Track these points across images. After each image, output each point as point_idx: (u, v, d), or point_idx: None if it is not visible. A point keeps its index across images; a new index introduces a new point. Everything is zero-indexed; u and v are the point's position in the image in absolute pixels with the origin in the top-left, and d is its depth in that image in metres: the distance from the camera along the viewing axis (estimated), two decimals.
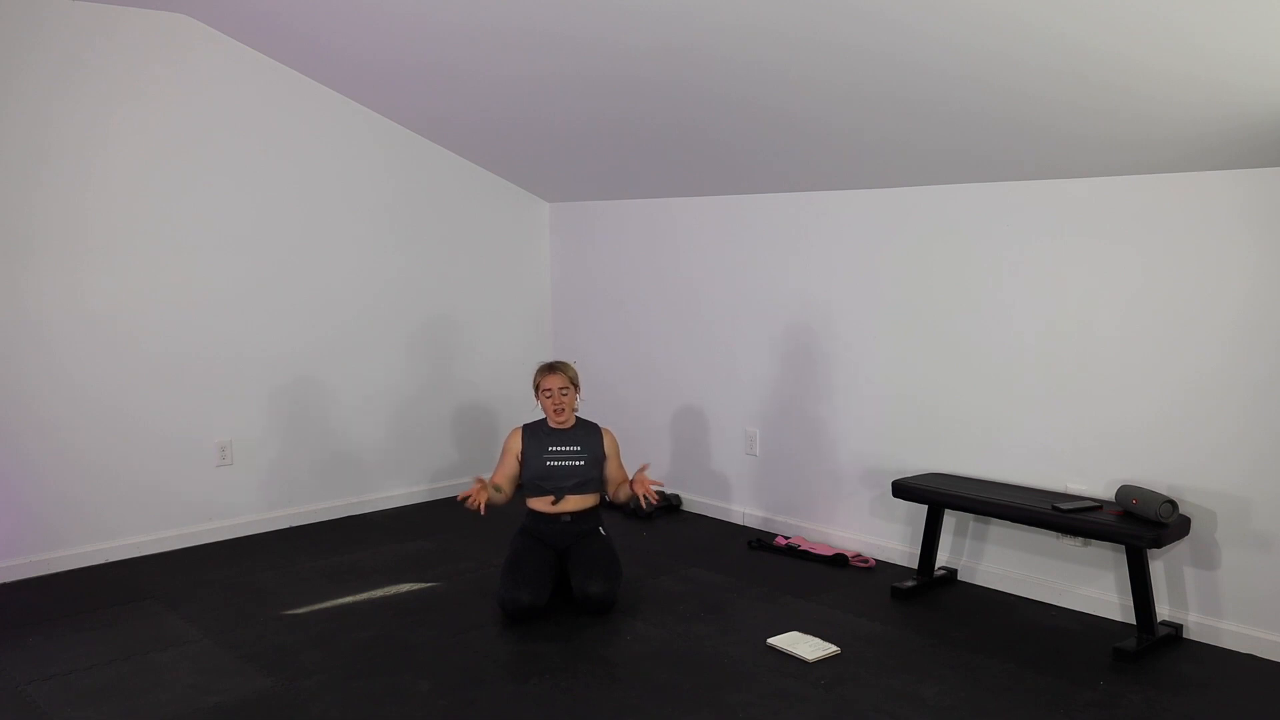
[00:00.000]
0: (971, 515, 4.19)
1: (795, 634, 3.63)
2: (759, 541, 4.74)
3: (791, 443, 4.85)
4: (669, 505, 5.33)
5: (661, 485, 4.06)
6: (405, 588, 4.17)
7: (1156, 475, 3.67)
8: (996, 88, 3.24)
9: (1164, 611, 3.69)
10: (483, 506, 3.74)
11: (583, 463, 3.95)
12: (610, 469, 4.06)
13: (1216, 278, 3.48)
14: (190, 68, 4.56)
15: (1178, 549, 3.65)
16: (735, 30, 3.31)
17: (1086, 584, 3.89)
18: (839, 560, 4.46)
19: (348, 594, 4.09)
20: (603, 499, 4.07)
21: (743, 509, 5.11)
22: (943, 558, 4.29)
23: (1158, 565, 3.70)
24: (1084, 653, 3.52)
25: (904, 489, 4.11)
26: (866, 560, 4.46)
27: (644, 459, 5.56)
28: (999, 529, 4.14)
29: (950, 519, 4.25)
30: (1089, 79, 3.04)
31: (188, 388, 4.68)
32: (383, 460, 5.38)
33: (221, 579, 4.28)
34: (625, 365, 5.59)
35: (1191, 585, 3.64)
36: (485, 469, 5.76)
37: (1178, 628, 3.63)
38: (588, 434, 4.02)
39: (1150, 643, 3.52)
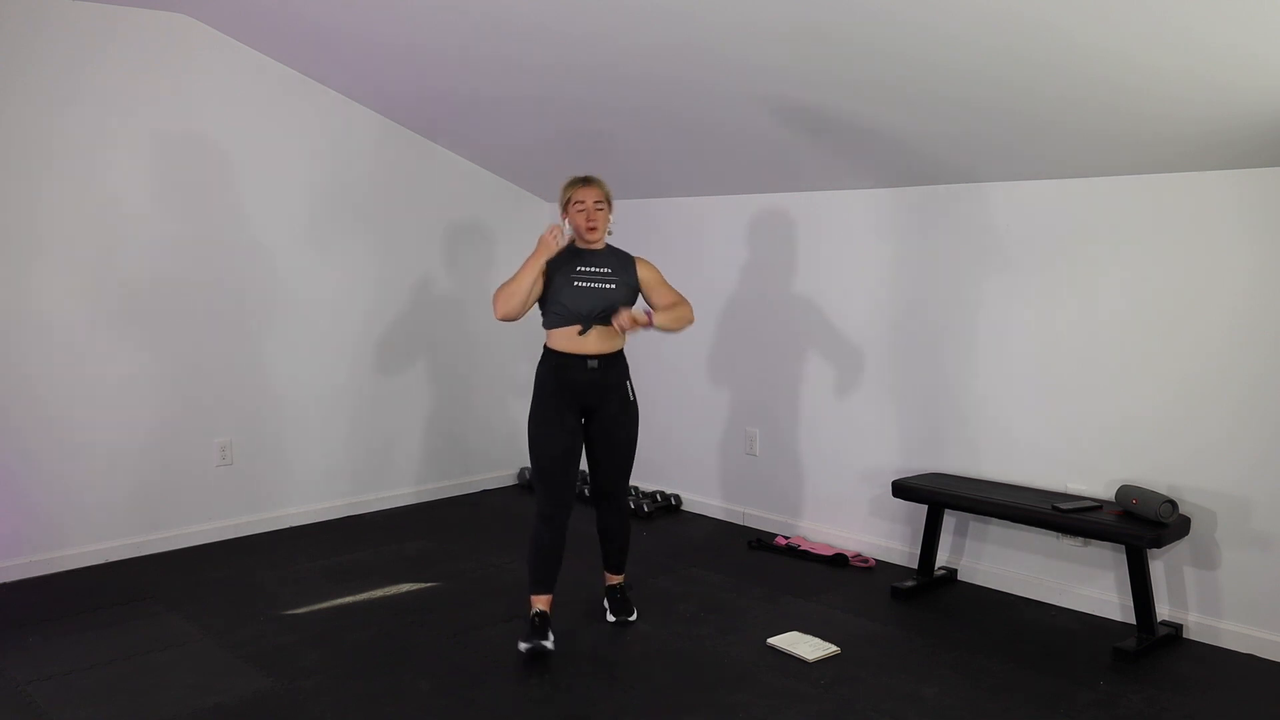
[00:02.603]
0: (971, 515, 4.19)
1: (795, 634, 3.63)
2: (759, 541, 4.74)
3: (791, 443, 4.85)
4: (669, 505, 5.33)
5: (643, 323, 3.49)
6: (405, 588, 4.17)
7: (1156, 475, 3.67)
8: (996, 86, 3.24)
9: (1164, 611, 3.69)
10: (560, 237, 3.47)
11: (613, 285, 3.54)
12: (657, 298, 3.63)
13: (1216, 277, 3.48)
14: (190, 68, 4.56)
15: (1178, 549, 3.65)
16: (739, 28, 3.31)
17: (1086, 584, 3.89)
18: (839, 560, 4.46)
19: (348, 594, 4.09)
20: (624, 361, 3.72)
21: (743, 509, 5.11)
22: (943, 558, 4.29)
23: (1158, 565, 3.70)
24: (1084, 653, 3.52)
25: (904, 489, 4.11)
26: (866, 560, 4.46)
27: (644, 457, 5.56)
28: (999, 529, 4.14)
29: (950, 519, 4.25)
30: (1089, 79, 3.04)
31: (188, 388, 4.68)
32: (382, 460, 5.38)
33: (221, 579, 4.28)
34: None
35: (1191, 585, 3.64)
36: (486, 468, 5.78)
37: (1178, 628, 3.63)
38: (620, 259, 3.63)
39: (1150, 643, 3.52)
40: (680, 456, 5.38)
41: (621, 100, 4.17)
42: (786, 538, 4.75)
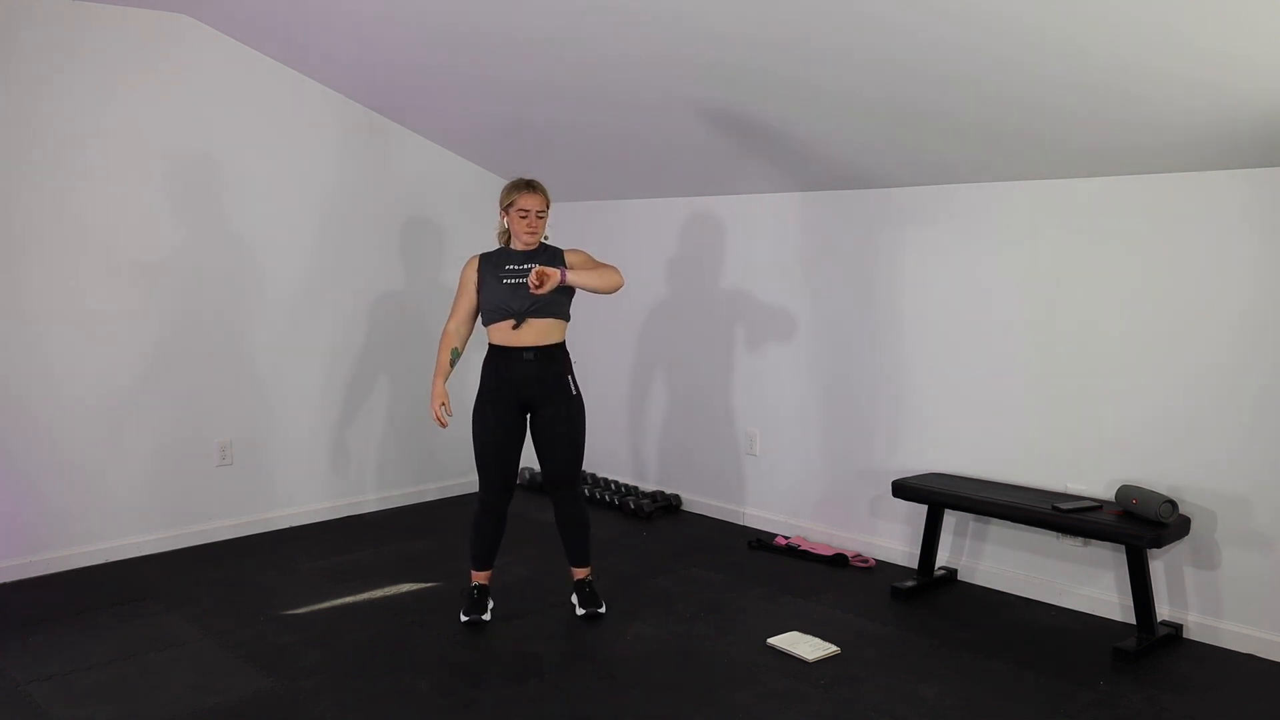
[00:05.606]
0: (971, 515, 4.19)
1: (795, 634, 3.63)
2: (759, 541, 4.74)
3: (791, 443, 4.85)
4: (669, 505, 5.33)
5: (556, 279, 3.46)
6: (405, 588, 4.17)
7: (1156, 475, 3.67)
8: (996, 86, 3.24)
9: (1164, 611, 3.69)
10: (444, 420, 3.66)
11: None
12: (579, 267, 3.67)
13: (1218, 278, 3.48)
14: (190, 68, 4.56)
15: (1178, 549, 3.65)
16: (732, 35, 3.31)
17: (1086, 584, 3.89)
18: (839, 560, 4.46)
19: (348, 594, 4.10)
20: (567, 355, 3.78)
21: (743, 509, 5.11)
22: (943, 558, 4.29)
23: (1158, 565, 3.70)
24: (1084, 653, 3.52)
25: (904, 489, 4.11)
26: (866, 560, 4.46)
27: (644, 456, 5.57)
28: (999, 529, 4.14)
29: (950, 519, 4.25)
30: (1089, 77, 3.04)
31: (188, 388, 4.68)
32: (382, 460, 5.38)
33: (221, 579, 4.28)
34: (625, 364, 5.59)
35: (1191, 585, 3.64)
36: None
37: (1178, 628, 3.63)
38: (549, 253, 3.68)
39: (1150, 643, 3.52)
40: (680, 456, 5.38)
41: (621, 102, 4.16)
42: (786, 538, 4.75)
